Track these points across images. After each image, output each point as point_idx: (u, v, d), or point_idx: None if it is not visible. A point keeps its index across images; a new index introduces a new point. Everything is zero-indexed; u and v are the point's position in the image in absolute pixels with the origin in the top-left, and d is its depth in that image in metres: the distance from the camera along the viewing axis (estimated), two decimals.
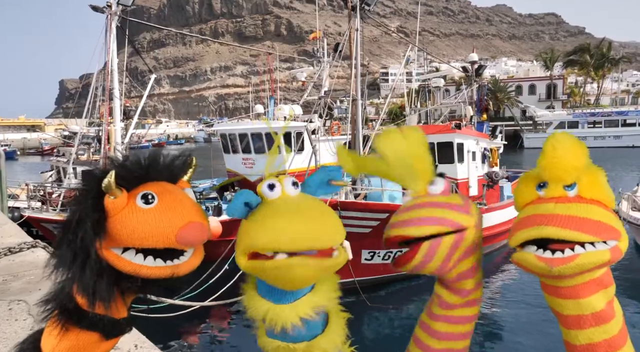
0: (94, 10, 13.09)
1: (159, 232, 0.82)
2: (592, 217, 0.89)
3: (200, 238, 0.88)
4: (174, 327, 8.46)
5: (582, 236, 0.87)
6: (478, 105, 19.67)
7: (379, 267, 10.44)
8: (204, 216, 0.91)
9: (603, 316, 0.94)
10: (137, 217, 0.83)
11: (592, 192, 0.92)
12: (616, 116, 48.70)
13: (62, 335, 0.87)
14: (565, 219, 0.89)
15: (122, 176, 0.86)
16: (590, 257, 0.88)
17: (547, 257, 0.90)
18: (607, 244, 0.89)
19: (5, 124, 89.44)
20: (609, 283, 0.96)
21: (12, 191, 14.15)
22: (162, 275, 0.85)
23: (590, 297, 0.93)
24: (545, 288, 0.99)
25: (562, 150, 0.92)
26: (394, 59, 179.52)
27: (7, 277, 3.72)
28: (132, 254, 0.84)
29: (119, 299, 0.89)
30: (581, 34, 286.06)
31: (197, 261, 0.91)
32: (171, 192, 0.89)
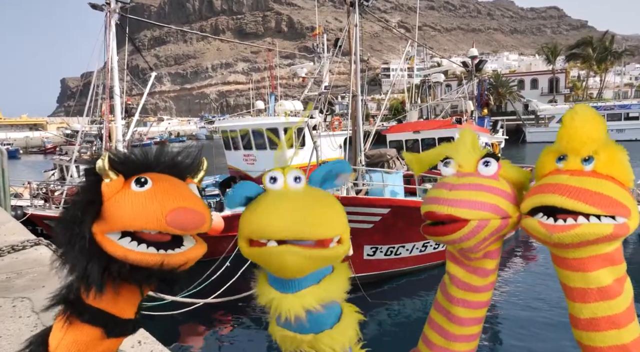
0: (93, 8, 13.07)
1: (149, 213, 0.82)
2: (602, 192, 0.90)
3: (193, 223, 0.86)
4: (177, 324, 8.50)
5: (587, 208, 0.88)
6: (479, 100, 19.62)
7: (380, 263, 10.45)
8: (203, 206, 0.90)
9: (609, 292, 0.94)
10: (130, 199, 0.84)
11: (609, 169, 0.93)
12: (619, 110, 48.46)
13: (67, 328, 0.88)
14: (574, 190, 0.90)
15: (121, 162, 0.88)
16: (591, 228, 0.89)
17: (548, 224, 0.92)
18: (615, 219, 0.90)
19: (7, 123, 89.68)
20: (618, 261, 0.96)
21: (15, 190, 14.21)
22: (151, 262, 0.84)
23: (597, 271, 0.94)
24: (555, 260, 1.00)
25: (580, 121, 0.93)
26: (395, 54, 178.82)
27: (10, 275, 3.75)
28: (126, 240, 0.84)
29: (123, 297, 0.89)
30: (583, 27, 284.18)
31: (195, 253, 0.91)
32: (168, 181, 0.90)
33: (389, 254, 10.48)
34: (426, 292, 10.05)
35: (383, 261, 10.47)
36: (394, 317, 9.23)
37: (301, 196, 0.92)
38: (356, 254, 9.73)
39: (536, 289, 10.05)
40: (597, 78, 74.37)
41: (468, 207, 0.98)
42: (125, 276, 0.85)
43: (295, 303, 0.93)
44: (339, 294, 0.99)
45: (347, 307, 1.06)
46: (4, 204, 8.03)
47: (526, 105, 59.37)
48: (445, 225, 1.02)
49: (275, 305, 0.94)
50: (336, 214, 0.94)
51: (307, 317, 0.94)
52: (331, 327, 0.99)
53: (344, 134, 15.29)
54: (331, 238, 0.92)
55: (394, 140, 15.38)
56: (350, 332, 1.01)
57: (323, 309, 0.95)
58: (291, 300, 0.93)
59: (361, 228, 9.41)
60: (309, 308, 0.93)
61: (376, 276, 10.46)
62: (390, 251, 10.43)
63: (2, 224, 5.82)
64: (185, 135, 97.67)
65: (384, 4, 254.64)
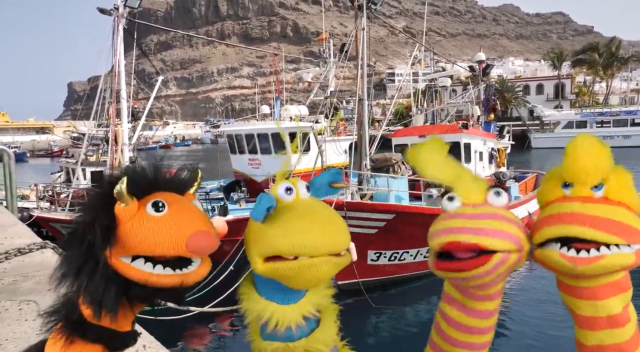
0: (101, 12, 13.21)
1: (170, 240, 0.83)
2: (618, 219, 0.87)
3: (210, 246, 0.88)
4: (182, 328, 8.50)
5: (608, 237, 0.86)
6: (485, 105, 19.57)
7: (384, 268, 10.42)
8: (211, 225, 0.92)
9: (618, 320, 0.92)
10: (148, 225, 0.83)
11: (620, 195, 0.91)
12: (625, 116, 48.18)
13: (67, 347, 0.87)
14: (592, 219, 0.87)
15: (133, 183, 0.86)
16: (615, 259, 0.86)
17: (572, 256, 0.88)
18: (631, 247, 0.88)
19: (15, 127, 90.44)
20: (627, 287, 0.94)
21: (21, 192, 14.31)
22: (171, 284, 0.85)
23: (607, 300, 0.92)
24: (562, 286, 0.97)
25: (584, 152, 0.91)
26: (400, 59, 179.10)
27: (17, 278, 3.77)
28: (141, 262, 0.83)
29: (123, 311, 0.89)
30: (589, 33, 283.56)
31: (205, 270, 0.92)
32: (180, 202, 0.90)
33: (393, 260, 10.45)
34: (430, 298, 10.00)
35: (387, 266, 10.43)
36: (397, 323, 9.19)
37: (319, 209, 0.95)
38: (360, 259, 9.71)
39: (545, 288, 9.97)
40: (603, 84, 73.97)
41: (495, 236, 0.92)
42: (145, 299, 0.87)
43: (297, 312, 0.94)
44: (328, 296, 1.00)
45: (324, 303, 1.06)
46: (11, 206, 8.08)
47: (531, 111, 59.17)
48: (469, 260, 0.94)
49: (277, 317, 0.93)
50: (345, 224, 0.97)
51: (294, 328, 0.94)
52: (317, 325, 1.00)
53: (349, 139, 15.30)
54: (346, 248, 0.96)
55: (399, 144, 15.37)
56: (334, 324, 1.03)
57: (316, 315, 0.97)
58: (293, 310, 0.94)
59: (366, 233, 9.38)
60: (307, 315, 0.95)
61: (380, 281, 10.42)
62: (394, 256, 10.40)
63: (9, 226, 5.86)
64: (190, 139, 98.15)
65: (389, 9, 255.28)
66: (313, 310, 0.96)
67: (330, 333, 1.00)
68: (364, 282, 9.48)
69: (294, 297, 0.95)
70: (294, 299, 0.95)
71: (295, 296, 0.95)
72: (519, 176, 17.44)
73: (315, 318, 1.00)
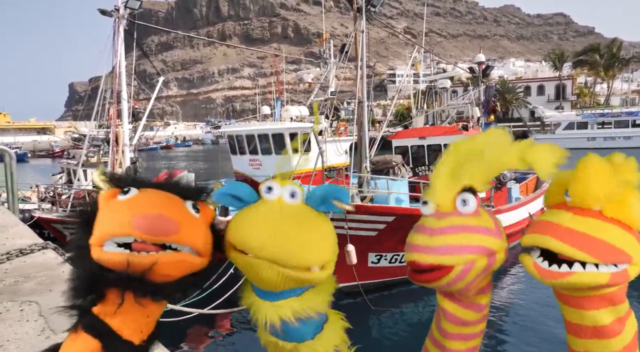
0: (102, 14, 13.23)
1: (118, 219, 0.86)
2: (603, 238, 0.86)
3: (161, 228, 0.85)
4: (183, 330, 8.50)
5: (583, 256, 0.85)
6: (485, 106, 19.57)
7: (385, 271, 10.41)
8: (179, 214, 0.89)
9: (606, 332, 0.91)
10: (110, 206, 0.89)
11: (616, 212, 0.89)
12: (626, 117, 48.10)
13: (74, 337, 0.90)
14: (573, 235, 0.86)
15: (119, 178, 0.93)
16: (585, 277, 0.86)
17: (542, 268, 0.89)
18: (617, 266, 0.86)
19: (16, 127, 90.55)
20: (618, 301, 0.92)
21: (23, 193, 14.33)
22: (116, 261, 0.84)
23: (594, 311, 0.91)
24: (553, 290, 0.98)
25: (595, 177, 0.89)
26: (401, 60, 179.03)
27: (18, 278, 3.78)
28: (112, 246, 0.86)
29: (126, 314, 0.89)
30: (590, 34, 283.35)
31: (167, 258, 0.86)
32: (155, 192, 0.92)
33: (394, 262, 10.44)
34: (429, 300, 9.99)
35: (388, 268, 10.43)
36: (397, 325, 9.18)
37: (290, 217, 0.91)
38: (361, 262, 9.69)
39: (544, 292, 9.97)
40: (605, 85, 73.95)
41: (452, 252, 0.94)
42: (99, 278, 0.87)
43: (271, 312, 0.94)
44: (319, 308, 0.98)
45: (333, 314, 1.06)
46: (12, 207, 8.09)
47: (532, 112, 59.16)
48: (431, 272, 0.98)
49: (254, 310, 0.97)
50: (322, 241, 0.93)
51: (282, 327, 0.95)
52: (313, 337, 0.99)
53: (349, 140, 15.31)
54: (311, 267, 0.91)
55: (399, 146, 15.37)
56: (335, 340, 1.01)
57: (298, 323, 0.95)
58: (268, 308, 0.95)
59: (366, 236, 9.38)
60: (284, 319, 0.94)
61: (381, 283, 10.42)
62: (395, 258, 10.40)
63: (10, 227, 5.87)
64: (191, 140, 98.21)
65: (390, 10, 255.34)
66: (292, 317, 0.94)
67: (321, 349, 0.99)
68: (364, 284, 9.47)
69: (270, 296, 0.96)
70: (270, 297, 0.95)
71: (272, 295, 0.95)
72: (519, 177, 17.43)
73: (314, 328, 1.00)
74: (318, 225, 0.94)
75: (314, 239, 0.91)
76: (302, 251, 0.89)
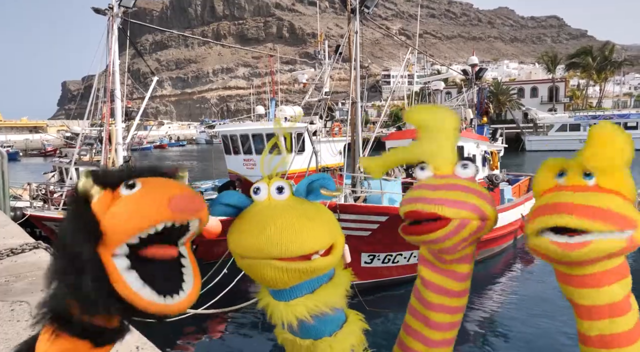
0: (95, 12, 13.16)
1: (152, 208, 0.78)
2: (610, 208, 0.89)
3: (195, 206, 0.82)
4: (176, 329, 8.48)
5: (599, 225, 0.87)
6: (478, 108, 19.69)
7: (378, 271, 10.44)
8: (192, 190, 0.86)
9: (620, 308, 0.93)
10: (127, 204, 0.79)
11: (611, 183, 0.92)
12: (618, 119, 48.54)
13: (53, 340, 0.86)
14: (583, 209, 0.89)
15: (103, 177, 0.84)
16: (605, 243, 0.88)
17: (563, 242, 0.90)
18: (624, 232, 0.89)
19: (8, 125, 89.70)
20: (627, 273, 0.95)
21: (14, 192, 14.20)
22: (152, 310, 0.81)
23: (609, 287, 0.93)
24: (561, 277, 0.99)
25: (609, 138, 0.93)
26: (395, 61, 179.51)
27: (9, 278, 3.76)
28: (133, 276, 0.79)
29: None
30: (583, 36, 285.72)
31: (187, 304, 0.85)
32: (156, 179, 0.86)
33: (387, 262, 10.48)
34: None
35: (381, 268, 10.46)
36: (390, 325, 9.20)
37: (280, 211, 0.91)
38: (354, 262, 9.72)
39: (539, 289, 10.05)
40: (597, 87, 74.65)
41: (452, 206, 0.99)
42: (122, 314, 0.83)
43: (287, 311, 0.95)
44: (334, 304, 0.98)
45: (352, 315, 1.07)
46: (3, 206, 8.04)
47: (525, 114, 59.55)
48: (427, 223, 1.02)
49: (270, 311, 0.98)
50: (317, 226, 0.92)
51: (300, 325, 0.95)
52: (331, 334, 0.99)
53: (343, 140, 15.34)
54: (309, 253, 0.91)
55: (392, 147, 15.42)
56: (352, 340, 1.01)
57: (314, 320, 0.96)
58: (283, 308, 0.95)
59: (359, 235, 9.41)
60: (299, 317, 0.95)
61: (374, 283, 10.44)
62: (387, 258, 10.43)
63: (1, 226, 5.83)
64: (185, 140, 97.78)
65: (385, 11, 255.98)
66: (307, 315, 0.94)
67: (338, 347, 0.99)
68: (357, 284, 9.49)
69: (283, 295, 0.96)
70: (283, 297, 0.96)
71: (284, 295, 0.96)
72: (512, 179, 17.54)
73: (333, 327, 1.00)
74: (310, 212, 0.94)
75: (306, 225, 0.90)
76: (296, 239, 0.88)
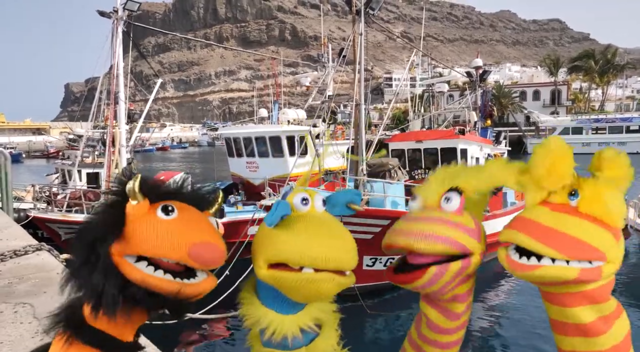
0: (100, 15, 13.21)
1: (172, 244, 0.82)
2: (574, 235, 0.86)
3: (215, 258, 0.87)
4: (178, 332, 8.46)
5: (551, 252, 0.85)
6: (482, 110, 19.66)
7: (380, 274, 10.35)
8: (223, 242, 0.90)
9: (589, 330, 0.90)
10: (154, 226, 0.84)
11: (591, 208, 0.88)
12: (620, 122, 48.52)
13: (66, 349, 0.87)
14: (544, 231, 0.87)
15: (150, 187, 0.88)
16: (553, 271, 0.85)
17: (512, 260, 0.90)
18: (592, 263, 0.86)
19: (11, 127, 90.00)
20: (601, 299, 0.91)
21: (17, 194, 14.22)
22: (169, 289, 0.84)
23: (574, 308, 0.90)
24: (539, 289, 0.98)
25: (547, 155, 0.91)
26: (397, 64, 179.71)
27: (12, 280, 3.75)
28: (144, 264, 0.83)
29: (124, 320, 0.88)
30: (585, 40, 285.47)
31: (208, 285, 0.90)
32: (192, 211, 0.90)
33: (389, 265, 10.45)
34: None
35: (382, 271, 10.41)
36: (391, 328, 9.18)
37: (332, 225, 0.95)
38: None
39: (536, 296, 10.00)
40: (599, 90, 74.50)
41: (426, 239, 0.97)
42: (140, 300, 0.85)
43: (294, 324, 0.94)
44: (327, 312, 1.00)
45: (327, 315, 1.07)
46: (6, 207, 8.04)
47: (528, 117, 59.47)
48: (405, 274, 1.03)
49: (275, 326, 0.94)
50: (355, 243, 0.97)
51: (302, 335, 0.95)
52: (308, 343, 0.99)
53: (346, 143, 15.32)
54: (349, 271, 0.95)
55: (396, 149, 15.41)
56: (335, 333, 1.03)
57: (315, 327, 0.97)
58: (291, 321, 0.94)
59: (361, 239, 9.37)
60: (303, 327, 0.95)
61: (375, 286, 10.40)
62: (390, 262, 10.38)
63: (5, 228, 5.83)
64: (187, 142, 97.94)
65: (387, 14, 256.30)
66: (311, 323, 0.96)
67: (331, 342, 1.00)
68: (359, 287, 9.46)
69: (293, 309, 0.95)
70: (293, 310, 0.95)
71: (295, 308, 0.95)
72: None
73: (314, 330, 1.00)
74: (344, 228, 0.99)
75: (351, 241, 0.95)
76: (352, 253, 0.93)
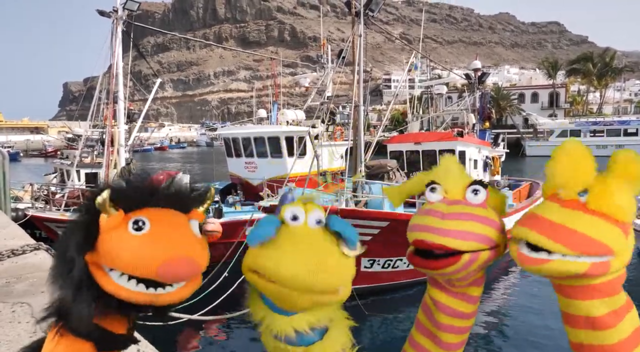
0: (100, 14, 13.20)
1: (141, 262, 0.81)
2: (582, 231, 0.87)
3: (186, 273, 0.84)
4: (176, 332, 8.45)
5: (560, 248, 0.87)
6: (481, 112, 19.71)
7: (378, 276, 10.41)
8: (199, 252, 0.87)
9: (599, 323, 0.92)
10: (123, 242, 0.82)
11: (599, 204, 0.90)
12: (618, 125, 48.69)
13: (58, 340, 0.87)
14: (552, 227, 0.89)
15: (123, 196, 0.85)
16: (562, 265, 0.87)
17: (523, 254, 0.92)
18: (589, 258, 0.87)
19: (9, 126, 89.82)
20: (612, 292, 0.93)
21: (15, 193, 14.18)
22: (140, 301, 0.83)
23: (585, 302, 0.92)
24: (552, 282, 0.99)
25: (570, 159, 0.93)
26: (396, 65, 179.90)
27: (10, 280, 3.74)
28: (116, 274, 0.82)
29: (117, 315, 0.88)
30: (584, 42, 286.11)
31: (184, 293, 0.87)
32: (167, 223, 0.86)
33: (387, 267, 10.45)
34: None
35: (380, 273, 10.43)
36: (389, 330, 9.18)
37: (318, 244, 0.91)
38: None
39: (541, 294, 10.02)
40: (597, 93, 74.72)
41: (460, 237, 0.97)
42: (116, 309, 0.85)
43: (286, 324, 0.94)
44: (332, 315, 0.99)
45: (338, 313, 1.05)
46: (4, 207, 8.02)
47: (526, 119, 59.61)
48: (438, 260, 1.00)
49: (267, 323, 0.95)
50: (343, 267, 0.93)
51: (297, 337, 0.95)
52: (321, 337, 0.99)
53: (345, 144, 15.34)
54: (338, 289, 0.92)
55: (394, 151, 15.44)
56: (342, 339, 1.01)
57: (313, 332, 0.96)
58: (284, 321, 0.94)
59: (360, 240, 9.37)
60: (299, 330, 0.94)
61: (373, 288, 10.41)
62: (387, 263, 10.40)
63: (2, 227, 5.81)
64: (185, 142, 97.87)
65: (387, 15, 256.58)
66: (307, 328, 0.95)
67: (331, 348, 0.98)
68: (357, 288, 9.45)
69: (285, 311, 0.95)
70: (287, 312, 0.95)
71: (287, 311, 0.95)
72: (513, 184, 17.54)
73: (321, 330, 0.99)
74: (335, 251, 0.94)
75: (341, 262, 0.92)
76: (333, 276, 0.89)
